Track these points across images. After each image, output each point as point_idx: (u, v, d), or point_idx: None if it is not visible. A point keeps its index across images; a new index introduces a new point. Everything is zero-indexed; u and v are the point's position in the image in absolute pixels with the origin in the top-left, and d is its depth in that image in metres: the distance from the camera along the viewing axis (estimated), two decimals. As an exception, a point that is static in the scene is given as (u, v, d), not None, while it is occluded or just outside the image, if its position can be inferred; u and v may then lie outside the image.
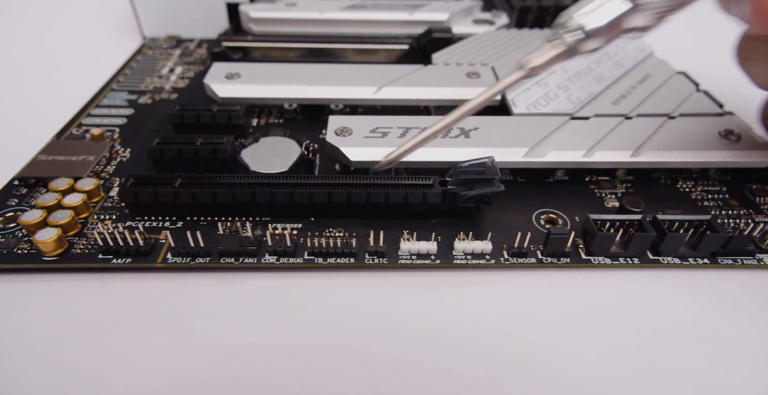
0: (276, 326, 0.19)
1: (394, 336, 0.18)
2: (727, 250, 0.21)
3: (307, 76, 0.30)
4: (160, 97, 0.32)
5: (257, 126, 0.30)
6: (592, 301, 0.20)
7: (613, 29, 0.18)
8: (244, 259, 0.20)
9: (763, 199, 0.24)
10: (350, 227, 0.22)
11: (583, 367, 0.17)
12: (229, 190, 0.21)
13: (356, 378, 0.17)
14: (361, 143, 0.24)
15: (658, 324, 0.19)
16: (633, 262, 0.21)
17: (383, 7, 0.38)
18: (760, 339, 0.18)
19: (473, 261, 0.21)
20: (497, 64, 0.31)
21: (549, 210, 0.24)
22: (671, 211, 0.23)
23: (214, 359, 0.17)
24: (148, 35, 0.40)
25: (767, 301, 0.19)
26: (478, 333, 0.19)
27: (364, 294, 0.20)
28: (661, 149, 0.24)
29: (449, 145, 0.24)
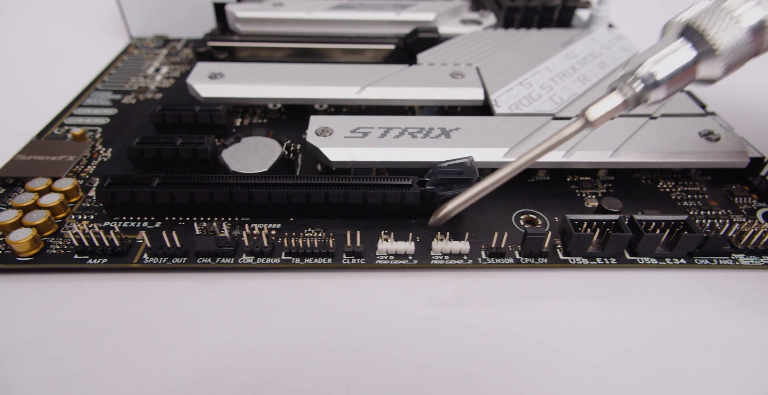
0: (251, 326, 0.19)
1: (369, 336, 0.18)
2: (704, 250, 0.21)
3: (291, 76, 0.30)
4: (144, 96, 0.32)
5: (241, 126, 0.30)
6: (569, 301, 0.20)
7: (683, 79, 0.17)
8: (221, 259, 0.20)
9: (741, 200, 0.24)
10: (329, 227, 0.22)
11: (559, 366, 0.17)
12: (207, 190, 0.21)
13: (329, 378, 0.17)
14: (341, 143, 0.24)
15: (634, 324, 0.19)
16: (610, 262, 0.21)
17: (370, 7, 0.38)
18: (733, 339, 0.18)
19: (450, 262, 0.21)
20: (482, 65, 0.31)
21: (529, 210, 0.24)
22: (650, 211, 0.23)
23: (188, 359, 0.17)
24: (135, 35, 0.40)
25: (742, 300, 0.20)
26: (453, 332, 0.19)
27: (341, 295, 0.20)
28: (640, 149, 0.24)
29: (429, 145, 0.24)
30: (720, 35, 0.16)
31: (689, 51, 0.17)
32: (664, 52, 0.17)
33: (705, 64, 0.17)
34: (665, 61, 0.17)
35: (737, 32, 0.16)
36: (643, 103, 0.17)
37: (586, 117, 0.17)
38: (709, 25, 0.16)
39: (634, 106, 0.17)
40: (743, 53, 0.16)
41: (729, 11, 0.16)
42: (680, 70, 0.17)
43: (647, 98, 0.17)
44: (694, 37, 0.16)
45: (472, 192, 0.19)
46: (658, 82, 0.17)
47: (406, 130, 0.25)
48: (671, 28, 0.17)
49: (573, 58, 0.32)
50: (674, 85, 0.17)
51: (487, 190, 0.19)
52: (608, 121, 0.17)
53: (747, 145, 0.25)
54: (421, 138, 0.24)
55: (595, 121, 0.17)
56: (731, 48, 0.16)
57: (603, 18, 0.38)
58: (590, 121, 0.17)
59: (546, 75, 0.30)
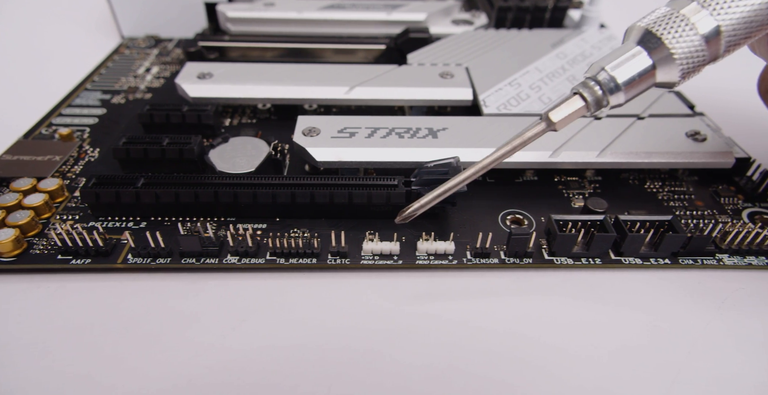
0: (234, 327, 0.19)
1: (353, 336, 0.18)
2: (688, 250, 0.21)
3: (280, 76, 0.30)
4: (133, 96, 0.32)
5: (230, 126, 0.30)
6: (553, 301, 0.20)
7: (642, 84, 0.17)
8: (206, 260, 0.20)
9: (727, 200, 0.24)
10: (315, 227, 0.22)
11: (542, 365, 0.17)
12: (192, 190, 0.21)
13: (311, 378, 0.17)
14: (328, 143, 0.24)
15: (617, 324, 0.19)
16: (595, 263, 0.21)
17: (361, 7, 0.38)
18: (715, 339, 0.18)
19: (436, 262, 0.21)
20: (472, 65, 0.31)
21: (515, 210, 0.24)
22: (636, 212, 0.23)
23: (170, 359, 0.17)
24: (127, 35, 0.40)
25: (725, 300, 0.20)
26: (437, 331, 0.19)
27: (326, 295, 0.20)
28: (627, 150, 0.24)
29: (416, 146, 0.24)
30: (676, 41, 0.16)
31: (648, 56, 0.17)
32: (624, 58, 0.17)
33: (663, 69, 0.17)
34: (624, 66, 0.17)
35: (693, 39, 0.16)
36: (604, 107, 0.17)
37: (548, 119, 0.17)
38: (666, 31, 0.16)
39: (596, 109, 0.17)
40: (699, 59, 0.17)
41: (686, 18, 0.16)
42: (639, 75, 0.17)
43: (608, 102, 0.17)
44: (653, 43, 0.17)
45: (437, 192, 0.19)
46: (618, 86, 0.17)
47: (393, 130, 0.25)
48: (631, 33, 0.17)
49: (563, 59, 0.32)
50: (633, 89, 0.17)
51: (452, 190, 0.19)
52: (570, 124, 0.18)
53: (734, 145, 0.25)
54: (408, 138, 0.24)
55: (557, 123, 0.17)
56: (687, 54, 0.16)
57: (594, 18, 0.38)
58: (553, 123, 0.17)
59: (535, 75, 0.30)
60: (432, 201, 0.19)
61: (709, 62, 0.17)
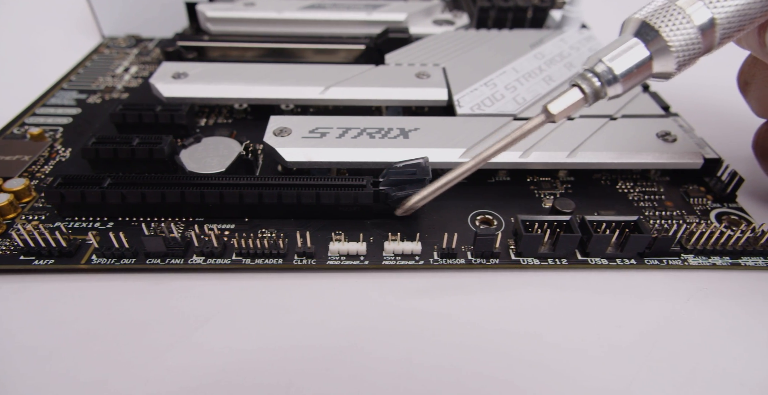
0: (197, 328, 0.19)
1: (316, 337, 0.18)
2: (653, 251, 0.21)
3: (256, 76, 0.29)
4: (110, 96, 0.32)
5: (205, 126, 0.29)
6: (518, 302, 0.20)
7: (639, 75, 0.17)
8: (171, 260, 0.20)
9: (696, 200, 0.24)
10: (284, 228, 0.22)
11: (505, 366, 0.17)
12: (159, 190, 0.21)
13: (271, 379, 0.17)
14: (298, 144, 0.24)
15: (580, 324, 0.19)
16: (561, 263, 0.21)
17: (342, 7, 0.38)
18: (676, 339, 0.18)
19: (402, 262, 0.21)
20: (450, 65, 0.31)
21: (486, 210, 0.24)
22: (606, 212, 0.23)
23: (131, 360, 0.17)
24: (108, 34, 0.40)
25: (688, 300, 0.20)
26: (401, 332, 0.19)
27: (291, 296, 0.20)
28: (598, 150, 0.24)
29: (387, 146, 0.24)
30: (673, 33, 0.16)
31: (645, 48, 0.17)
32: (621, 49, 0.17)
33: (659, 60, 0.17)
34: (622, 58, 0.17)
35: (689, 30, 0.16)
36: (602, 98, 0.18)
37: (547, 111, 0.18)
38: (662, 22, 0.17)
39: (594, 101, 0.18)
40: (694, 50, 0.17)
41: (681, 10, 0.16)
42: (636, 66, 0.17)
43: (606, 93, 0.17)
44: (650, 35, 0.17)
45: (438, 184, 0.19)
46: (616, 77, 0.17)
47: (364, 130, 0.25)
48: (628, 25, 0.18)
49: (541, 59, 0.32)
50: (631, 80, 0.17)
51: (453, 182, 0.19)
52: (568, 116, 0.18)
53: (705, 146, 0.25)
54: (379, 138, 0.24)
55: (557, 115, 0.18)
56: (683, 45, 0.17)
57: (575, 19, 0.38)
58: (552, 115, 0.18)
59: (512, 75, 0.30)
60: (433, 193, 0.19)
61: (704, 53, 0.17)
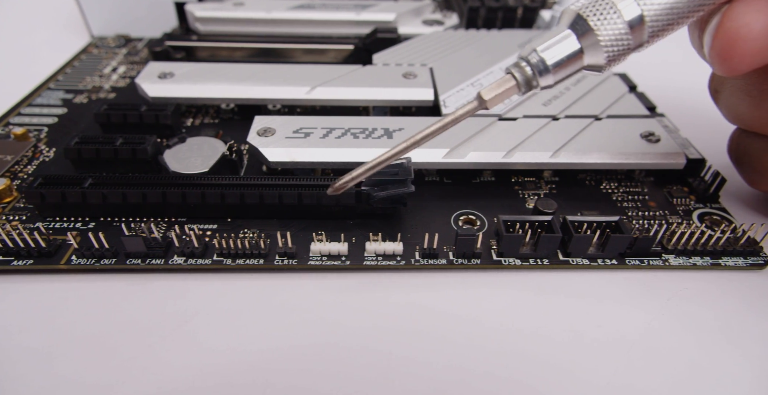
0: (175, 328, 0.19)
1: (293, 338, 0.18)
2: (634, 251, 0.21)
3: (243, 75, 0.29)
4: (96, 96, 0.32)
5: (192, 126, 0.29)
6: (499, 303, 0.20)
7: (570, 66, 0.17)
8: (151, 261, 0.20)
9: (679, 201, 0.24)
10: (266, 228, 0.22)
11: (484, 367, 0.17)
12: (140, 190, 0.21)
13: (247, 380, 0.17)
14: (281, 144, 0.24)
15: (559, 325, 0.19)
16: (543, 263, 0.21)
17: (331, 7, 0.38)
18: (654, 339, 0.18)
19: (383, 263, 0.21)
20: (437, 65, 0.31)
21: (469, 211, 0.24)
22: (589, 212, 0.23)
23: (107, 361, 0.17)
24: (97, 34, 0.40)
25: (668, 301, 0.20)
26: (381, 331, 0.19)
27: (272, 296, 0.20)
28: (581, 150, 0.24)
29: (370, 146, 0.24)
30: (603, 27, 0.17)
31: (576, 40, 0.17)
32: (554, 40, 0.17)
33: (590, 53, 0.17)
34: (554, 48, 0.17)
35: (618, 25, 0.16)
36: (534, 87, 0.18)
37: (480, 98, 0.18)
38: (594, 16, 0.17)
39: (527, 89, 0.18)
40: (624, 45, 0.17)
41: (613, 4, 0.16)
42: (567, 58, 0.17)
43: (537, 83, 0.18)
44: (582, 27, 0.17)
45: (369, 165, 0.19)
46: (547, 68, 0.17)
47: (349, 130, 0.25)
48: (565, 16, 0.18)
49: (528, 59, 0.32)
50: (562, 71, 0.17)
51: (381, 166, 0.19)
52: (501, 102, 0.18)
53: (689, 146, 0.25)
54: (363, 138, 0.24)
55: (488, 101, 0.18)
56: (612, 40, 0.17)
57: (564, 19, 0.38)
58: (484, 101, 0.18)
59: (498, 76, 0.30)
60: (363, 173, 0.19)
61: (634, 49, 0.17)
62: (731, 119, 0.22)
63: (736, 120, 0.22)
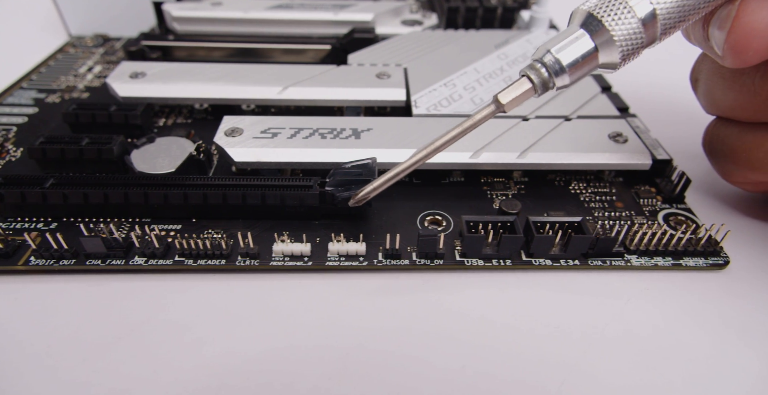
0: (132, 329, 0.18)
1: (251, 340, 0.18)
2: (596, 252, 0.21)
3: (216, 75, 0.29)
4: (69, 96, 0.31)
5: (164, 126, 0.29)
6: (461, 302, 0.20)
7: (585, 65, 0.17)
8: (111, 261, 0.20)
9: (646, 201, 0.24)
10: (231, 228, 0.22)
11: (439, 367, 0.17)
12: (101, 191, 0.21)
13: (202, 381, 0.17)
14: (248, 144, 0.24)
15: (517, 326, 0.19)
16: (506, 264, 0.21)
17: (309, 7, 0.38)
18: (611, 339, 0.18)
19: (346, 263, 0.21)
20: (413, 65, 0.31)
21: (436, 211, 0.24)
22: (556, 213, 0.23)
23: (66, 363, 0.17)
24: (75, 33, 0.40)
25: (628, 301, 0.20)
26: (339, 332, 0.19)
27: (233, 297, 0.20)
28: (549, 151, 0.24)
29: (337, 146, 0.24)
30: (616, 24, 0.17)
31: (590, 39, 0.17)
32: (568, 40, 0.17)
33: (604, 51, 0.17)
34: (569, 49, 0.17)
35: (632, 22, 0.17)
36: (551, 88, 0.18)
37: (498, 101, 0.18)
38: (607, 14, 0.17)
39: (543, 91, 0.18)
40: (638, 42, 0.17)
41: (625, 2, 0.17)
42: (582, 57, 0.17)
43: (554, 83, 0.18)
44: (595, 26, 0.17)
45: (389, 175, 0.19)
46: (563, 68, 0.17)
47: (317, 130, 0.25)
48: (576, 16, 0.18)
49: (504, 59, 0.32)
50: (578, 70, 0.18)
51: (405, 173, 0.19)
52: (518, 105, 0.18)
53: (658, 147, 0.25)
54: (330, 139, 0.24)
55: (507, 104, 0.18)
56: (626, 37, 0.17)
57: (542, 19, 0.38)
58: (502, 105, 0.18)
59: (472, 76, 0.30)
60: (385, 183, 0.19)
61: (647, 45, 0.17)
62: (708, 106, 0.23)
63: (713, 105, 0.22)
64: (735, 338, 0.18)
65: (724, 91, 0.21)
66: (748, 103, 0.20)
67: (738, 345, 0.18)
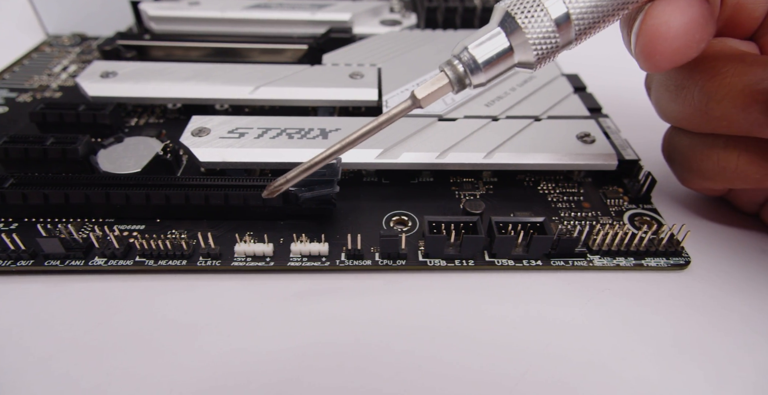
0: (87, 330, 0.18)
1: (211, 342, 0.18)
2: (558, 252, 0.21)
3: (187, 75, 0.29)
4: (41, 95, 0.31)
5: (135, 125, 0.29)
6: (424, 303, 0.20)
7: (501, 64, 0.17)
8: (71, 262, 0.20)
9: (612, 202, 0.24)
10: (195, 229, 0.22)
11: (399, 368, 0.17)
12: (62, 191, 0.21)
13: (157, 380, 0.17)
14: (214, 144, 0.24)
15: (481, 326, 0.19)
16: (468, 264, 0.21)
17: (287, 7, 0.38)
18: (569, 340, 0.18)
19: (308, 264, 0.21)
20: (387, 65, 0.31)
21: (402, 211, 0.23)
22: (522, 213, 0.23)
23: (20, 366, 0.17)
24: (52, 32, 0.40)
25: (589, 301, 0.20)
26: (300, 333, 0.18)
27: (195, 298, 0.20)
28: (516, 151, 0.24)
29: (304, 146, 0.24)
30: (531, 25, 0.16)
31: (506, 38, 0.17)
32: (484, 38, 0.17)
33: (519, 51, 0.17)
34: (484, 46, 0.17)
35: (545, 24, 0.16)
36: (467, 86, 0.18)
37: (414, 97, 0.18)
38: (522, 14, 0.16)
39: (460, 88, 0.18)
40: (552, 44, 0.17)
41: (540, 2, 0.16)
42: (497, 56, 0.17)
43: (470, 81, 0.17)
44: (511, 25, 0.17)
45: (304, 166, 0.19)
46: (479, 66, 0.17)
47: (285, 130, 0.25)
48: (495, 13, 0.18)
49: (479, 60, 0.32)
50: (493, 69, 0.17)
51: (315, 167, 0.19)
52: (434, 101, 0.18)
53: (627, 147, 0.25)
54: (297, 139, 0.24)
55: (422, 100, 0.18)
56: (540, 38, 0.17)
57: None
58: (418, 101, 0.18)
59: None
60: (298, 175, 0.19)
61: (563, 47, 0.17)
62: (660, 115, 0.22)
63: (663, 115, 0.22)
64: (694, 338, 0.18)
65: (669, 102, 0.21)
66: (691, 116, 0.20)
67: (697, 345, 0.18)
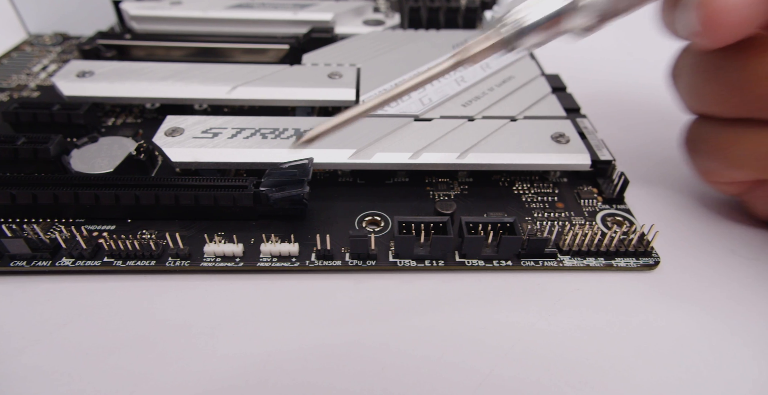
0: (51, 332, 0.18)
1: (179, 343, 0.18)
2: (528, 252, 0.21)
3: (165, 74, 0.29)
4: (19, 95, 0.31)
5: (112, 125, 0.29)
6: (392, 304, 0.20)
7: (552, 26, 0.17)
8: (37, 263, 0.20)
9: (586, 202, 0.24)
10: (166, 229, 0.22)
11: (363, 370, 0.17)
12: (29, 191, 0.21)
13: (116, 382, 0.17)
14: (187, 144, 0.23)
15: (449, 326, 0.19)
16: (438, 265, 0.21)
17: (269, 7, 0.38)
18: (535, 341, 0.18)
19: (278, 264, 0.21)
20: (366, 65, 0.31)
21: (376, 212, 0.23)
22: (495, 213, 0.23)
23: (-23, 366, 0.17)
24: (34, 31, 0.39)
25: (557, 302, 0.20)
26: (263, 333, 0.18)
27: (163, 299, 0.20)
28: (490, 151, 0.24)
29: (277, 146, 0.24)
30: None
31: None
32: None
33: (578, 11, 0.17)
34: (537, 7, 0.17)
35: None
36: (517, 48, 0.18)
37: (461, 54, 0.18)
38: None
39: (509, 49, 0.18)
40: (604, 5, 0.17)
41: None
42: (551, 17, 0.17)
43: (520, 44, 0.17)
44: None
45: (339, 120, 0.18)
46: (529, 27, 0.17)
47: (259, 130, 0.25)
48: None
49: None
50: (546, 31, 0.17)
51: (358, 118, 0.19)
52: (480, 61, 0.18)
53: (603, 147, 0.25)
54: (271, 139, 0.24)
55: (470, 57, 0.17)
56: None
57: (504, 20, 0.38)
58: (464, 58, 0.17)
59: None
60: (333, 128, 0.19)
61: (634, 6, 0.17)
62: (690, 102, 0.22)
63: (693, 102, 0.22)
64: (662, 338, 0.18)
65: (705, 84, 0.20)
66: (729, 96, 0.19)
67: (665, 345, 0.18)
